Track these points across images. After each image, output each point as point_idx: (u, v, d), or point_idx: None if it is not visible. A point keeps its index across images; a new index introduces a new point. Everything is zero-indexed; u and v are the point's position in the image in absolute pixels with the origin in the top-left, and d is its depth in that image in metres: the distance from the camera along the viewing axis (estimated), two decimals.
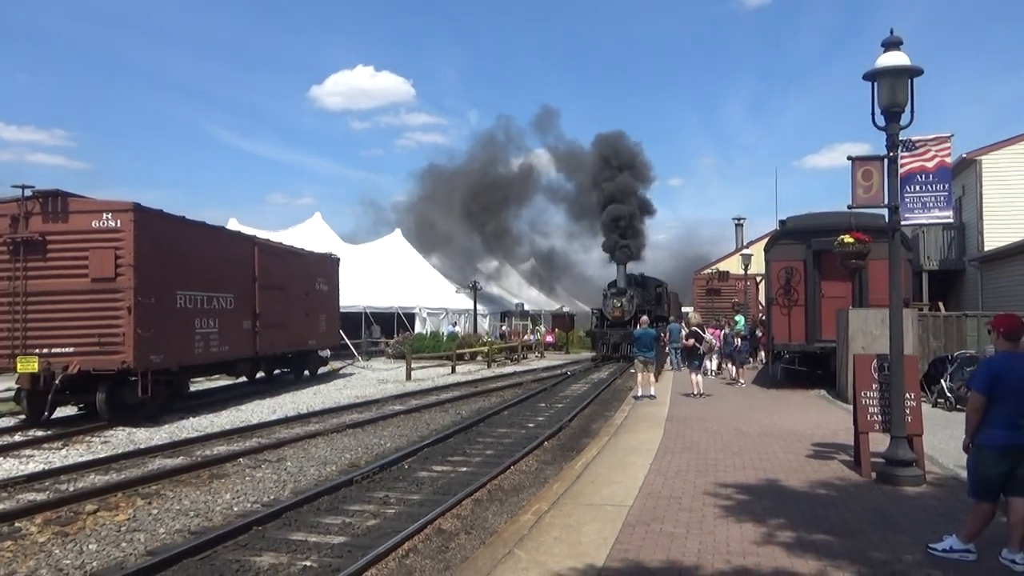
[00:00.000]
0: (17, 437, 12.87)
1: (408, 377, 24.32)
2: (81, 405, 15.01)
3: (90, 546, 6.84)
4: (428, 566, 6.32)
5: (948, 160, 7.94)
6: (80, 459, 10.89)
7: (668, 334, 24.11)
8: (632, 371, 18.82)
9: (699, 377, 16.36)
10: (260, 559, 6.44)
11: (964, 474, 6.07)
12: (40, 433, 13.14)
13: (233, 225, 33.47)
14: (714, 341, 19.60)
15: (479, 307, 40.12)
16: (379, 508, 8.17)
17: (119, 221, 13.74)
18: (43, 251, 13.78)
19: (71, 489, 9.04)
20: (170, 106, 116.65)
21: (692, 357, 16.86)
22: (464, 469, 10.25)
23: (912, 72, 7.47)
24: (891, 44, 7.53)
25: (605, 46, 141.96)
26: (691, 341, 16.92)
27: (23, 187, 13.85)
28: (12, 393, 15.14)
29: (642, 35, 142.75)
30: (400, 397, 18.86)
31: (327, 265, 25.09)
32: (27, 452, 11.62)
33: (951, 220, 8.96)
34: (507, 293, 49.53)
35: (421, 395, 19.48)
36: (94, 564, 6.38)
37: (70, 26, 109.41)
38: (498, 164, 53.00)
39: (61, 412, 14.98)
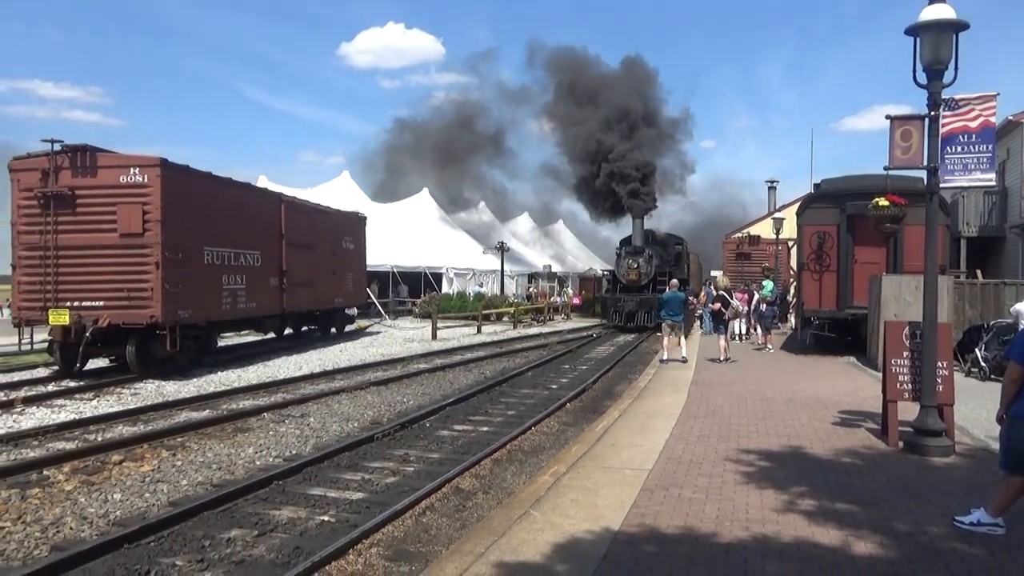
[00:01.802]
0: (50, 387, 13.17)
1: (434, 336, 24.44)
2: (113, 358, 15.32)
3: (115, 496, 6.96)
4: (444, 524, 6.33)
5: (993, 120, 7.60)
6: (110, 410, 11.11)
7: (705, 297, 24.00)
8: (659, 335, 18.67)
9: (726, 342, 16.19)
10: (279, 513, 6.50)
11: (995, 445, 5.89)
12: (72, 384, 13.45)
13: (263, 183, 33.49)
14: (741, 306, 19.33)
15: (506, 267, 40.02)
16: (399, 465, 8.20)
17: (146, 176, 13.80)
18: (72, 205, 13.91)
19: (99, 439, 9.21)
20: (201, 64, 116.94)
21: (718, 321, 16.70)
22: (485, 429, 10.25)
23: (957, 26, 7.09)
24: None
25: (638, 3, 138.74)
26: (717, 305, 16.73)
27: (52, 141, 13.96)
28: (46, 345, 15.46)
29: None
30: (425, 356, 18.94)
31: (354, 224, 25.11)
32: (59, 402, 11.88)
33: (993, 184, 8.60)
34: (533, 253, 49.19)
35: (446, 354, 19.55)
36: (117, 514, 6.48)
37: None
38: (475, 115, 50.59)
39: (94, 364, 15.31)
